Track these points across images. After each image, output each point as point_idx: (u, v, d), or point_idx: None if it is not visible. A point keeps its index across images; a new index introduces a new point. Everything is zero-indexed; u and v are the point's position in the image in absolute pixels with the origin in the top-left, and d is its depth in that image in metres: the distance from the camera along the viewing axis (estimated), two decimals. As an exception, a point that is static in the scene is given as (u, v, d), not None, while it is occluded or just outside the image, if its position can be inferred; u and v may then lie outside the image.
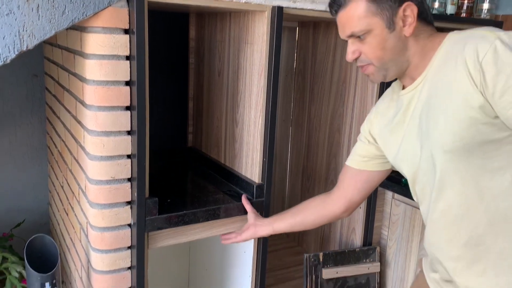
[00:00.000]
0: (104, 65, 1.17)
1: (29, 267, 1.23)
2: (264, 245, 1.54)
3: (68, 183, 1.64)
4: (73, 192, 1.55)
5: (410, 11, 0.94)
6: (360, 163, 1.20)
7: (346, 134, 1.95)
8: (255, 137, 1.49)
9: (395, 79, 1.09)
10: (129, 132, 1.24)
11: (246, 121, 1.54)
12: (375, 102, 1.43)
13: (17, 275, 1.59)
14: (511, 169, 0.88)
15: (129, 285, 1.34)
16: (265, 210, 1.51)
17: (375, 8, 0.94)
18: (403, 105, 1.04)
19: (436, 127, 0.92)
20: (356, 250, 1.81)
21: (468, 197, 0.92)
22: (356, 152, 1.22)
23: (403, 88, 1.06)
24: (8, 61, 1.04)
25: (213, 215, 1.42)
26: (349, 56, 1.00)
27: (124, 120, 1.22)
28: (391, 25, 0.94)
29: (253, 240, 1.54)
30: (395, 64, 0.99)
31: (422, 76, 0.98)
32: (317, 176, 2.15)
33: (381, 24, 0.94)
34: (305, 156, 2.22)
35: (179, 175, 1.81)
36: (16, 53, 1.04)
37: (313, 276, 1.71)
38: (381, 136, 1.14)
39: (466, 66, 0.85)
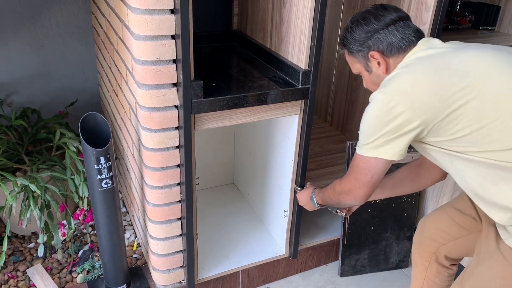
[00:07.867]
0: None
1: (84, 142, 1.31)
2: (308, 131, 1.55)
3: (115, 64, 1.65)
4: (120, 73, 1.57)
5: (377, 56, 1.15)
6: None
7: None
8: (303, 19, 1.40)
9: None
10: (172, 11, 1.19)
11: (294, 1, 1.44)
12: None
13: (74, 149, 1.70)
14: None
15: (178, 162, 1.41)
16: (310, 98, 1.48)
17: (354, 57, 1.21)
18: None
19: None
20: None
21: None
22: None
23: None
24: None
25: (257, 101, 1.41)
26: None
27: (167, -3, 1.17)
28: (368, 68, 1.19)
29: (296, 126, 1.55)
30: None
31: None
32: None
33: (362, 68, 1.21)
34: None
35: (224, 60, 1.78)
36: None
37: (355, 164, 1.72)
38: None
39: None
